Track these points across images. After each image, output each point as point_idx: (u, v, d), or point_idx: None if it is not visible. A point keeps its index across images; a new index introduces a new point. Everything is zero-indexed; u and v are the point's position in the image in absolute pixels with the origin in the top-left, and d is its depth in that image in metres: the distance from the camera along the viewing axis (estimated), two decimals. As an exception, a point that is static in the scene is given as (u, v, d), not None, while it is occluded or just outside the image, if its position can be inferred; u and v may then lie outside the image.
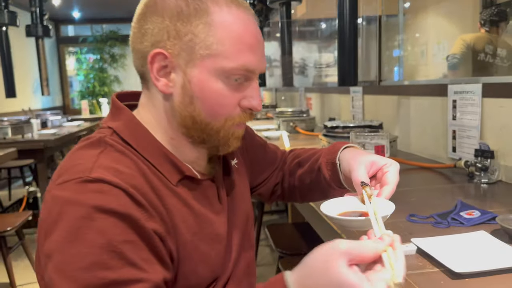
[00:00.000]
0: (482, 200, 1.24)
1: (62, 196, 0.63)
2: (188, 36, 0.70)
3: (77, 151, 0.71)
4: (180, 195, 0.74)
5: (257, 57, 0.74)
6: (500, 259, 0.80)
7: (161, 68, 0.72)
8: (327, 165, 0.93)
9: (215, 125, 0.75)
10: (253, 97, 0.75)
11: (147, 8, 0.73)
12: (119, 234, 0.61)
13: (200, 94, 0.72)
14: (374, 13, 2.94)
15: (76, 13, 8.15)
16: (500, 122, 1.41)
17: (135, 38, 0.75)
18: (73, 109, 8.79)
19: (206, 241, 0.77)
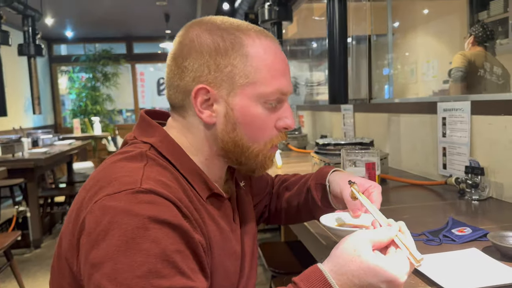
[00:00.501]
0: (473, 217, 1.25)
1: (115, 206, 0.64)
2: (228, 68, 0.76)
3: (117, 163, 0.74)
4: (209, 211, 0.79)
5: (288, 81, 0.81)
6: (492, 277, 0.80)
7: (204, 101, 0.77)
8: (316, 186, 1.00)
9: (255, 148, 0.80)
10: (287, 117, 0.82)
11: (183, 46, 0.78)
12: (172, 244, 0.63)
13: (242, 120, 0.78)
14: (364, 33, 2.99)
15: (69, 33, 8.18)
16: (489, 139, 1.43)
17: (173, 75, 0.79)
18: (65, 127, 8.75)
19: (228, 257, 0.81)
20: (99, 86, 8.58)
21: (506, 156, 1.36)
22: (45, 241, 4.12)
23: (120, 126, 8.99)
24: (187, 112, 0.80)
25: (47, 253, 3.83)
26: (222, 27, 0.77)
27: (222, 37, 0.76)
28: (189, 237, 0.66)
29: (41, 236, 3.98)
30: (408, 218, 1.23)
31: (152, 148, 0.77)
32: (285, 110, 0.82)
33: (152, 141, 0.78)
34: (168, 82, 0.81)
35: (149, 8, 6.32)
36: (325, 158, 1.77)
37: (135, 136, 0.82)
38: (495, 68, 2.89)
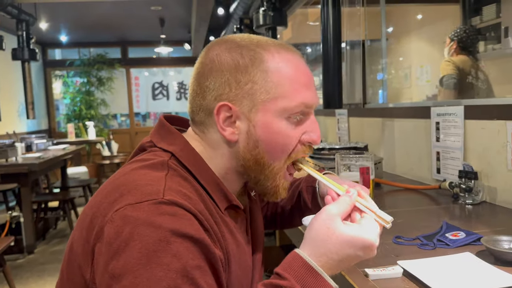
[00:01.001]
0: (467, 221, 1.25)
1: (136, 216, 0.63)
2: (248, 84, 0.75)
3: (138, 171, 0.73)
4: (227, 223, 0.77)
5: (312, 93, 0.79)
6: (486, 281, 0.81)
7: (226, 119, 0.76)
8: (307, 189, 1.01)
9: (275, 166, 0.79)
10: (313, 131, 0.80)
11: (204, 66, 0.78)
12: (192, 259, 0.62)
13: (265, 137, 0.76)
14: (358, 38, 3.01)
15: (64, 37, 8.17)
16: (482, 144, 1.44)
17: (196, 95, 0.79)
18: (59, 132, 8.71)
19: (243, 271, 0.80)
20: (94, 90, 8.56)
21: (499, 160, 1.37)
22: (38, 247, 4.09)
23: (115, 131, 8.96)
24: (207, 129, 0.79)
25: (40, 258, 3.80)
26: (241, 45, 0.77)
27: (242, 54, 0.76)
28: (209, 252, 0.65)
29: (34, 242, 3.95)
30: (402, 223, 1.24)
31: (173, 157, 0.76)
32: (311, 123, 0.80)
33: (173, 150, 0.77)
34: (191, 100, 0.81)
35: (144, 13, 6.33)
36: (320, 163, 1.78)
37: (153, 142, 0.80)
38: (479, 74, 2.92)
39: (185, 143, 0.79)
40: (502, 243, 0.94)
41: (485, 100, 1.54)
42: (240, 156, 0.78)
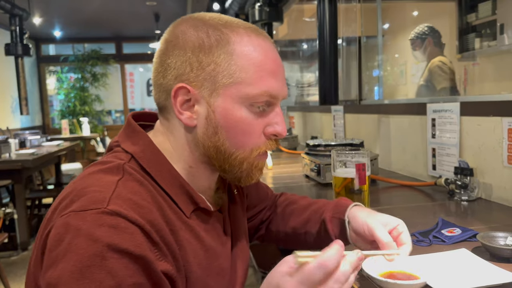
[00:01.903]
0: (463, 217, 1.25)
1: (76, 226, 0.60)
2: (211, 66, 0.71)
3: (93, 175, 0.69)
4: (192, 228, 0.73)
5: (279, 83, 0.75)
6: (482, 277, 0.80)
7: (184, 102, 0.73)
8: (332, 220, 0.92)
9: (239, 155, 0.75)
10: (278, 123, 0.76)
11: (168, 43, 0.74)
12: (130, 276, 0.59)
13: (224, 123, 0.72)
14: (354, 34, 3.00)
15: (57, 32, 8.10)
16: (478, 140, 1.44)
17: (157, 73, 0.75)
18: (53, 128, 8.67)
19: (213, 276, 0.76)
20: (88, 86, 8.52)
21: (495, 157, 1.37)
22: (32, 244, 4.06)
23: (109, 127, 8.93)
24: (169, 113, 0.76)
25: (34, 255, 3.78)
26: (208, 23, 0.72)
27: (207, 34, 0.71)
28: (151, 269, 0.61)
29: (28, 239, 3.92)
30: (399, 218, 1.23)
31: (133, 159, 0.73)
32: (276, 115, 0.76)
33: (133, 151, 0.73)
34: (153, 80, 0.77)
35: (139, 8, 6.29)
36: (315, 159, 1.77)
37: (119, 142, 0.77)
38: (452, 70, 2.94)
39: (149, 142, 0.75)
40: (498, 239, 0.94)
41: (481, 97, 1.54)
42: (200, 143, 0.74)
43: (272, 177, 2.00)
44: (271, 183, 1.85)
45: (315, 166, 1.75)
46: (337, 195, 1.22)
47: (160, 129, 0.78)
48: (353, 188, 1.19)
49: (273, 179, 1.95)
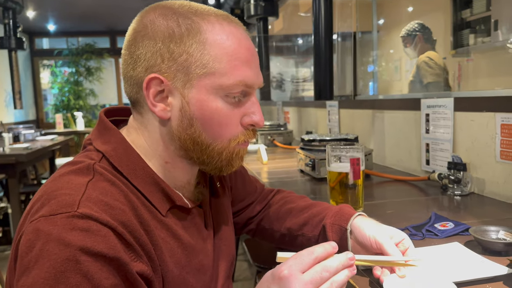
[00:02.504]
0: (456, 212, 1.27)
1: (47, 231, 0.58)
2: (183, 56, 0.69)
3: (63, 177, 0.67)
4: (169, 227, 0.72)
5: (254, 71, 0.73)
6: (474, 270, 0.81)
7: (157, 93, 0.70)
8: (333, 227, 0.90)
9: (217, 145, 0.73)
10: (254, 113, 0.74)
11: (137, 33, 0.71)
12: (106, 278, 0.58)
13: (200, 115, 0.70)
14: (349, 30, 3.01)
15: (51, 26, 8.04)
16: (472, 135, 1.45)
17: (126, 65, 0.73)
18: (47, 122, 8.62)
19: (193, 274, 0.75)
20: (82, 80, 8.47)
21: (488, 152, 1.38)
22: (26, 238, 4.05)
23: (104, 122, 8.89)
24: (143, 107, 0.73)
25: (28, 250, 3.77)
26: (178, 12, 0.70)
27: (178, 22, 0.69)
28: (127, 271, 0.61)
29: (22, 233, 3.91)
30: (392, 213, 1.25)
31: (104, 158, 0.71)
32: (252, 104, 0.74)
33: (104, 150, 0.71)
34: (123, 73, 0.74)
35: (133, 2, 6.24)
36: (310, 154, 1.78)
37: (91, 140, 0.74)
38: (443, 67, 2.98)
39: (121, 140, 0.73)
40: (490, 233, 0.95)
41: (475, 92, 1.55)
42: (175, 136, 0.72)
43: (267, 171, 2.01)
44: (266, 177, 1.86)
45: (310, 161, 1.76)
46: (331, 189, 1.23)
47: (134, 125, 0.76)
48: (347, 183, 1.20)
49: (268, 174, 1.96)
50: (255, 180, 1.11)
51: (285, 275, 0.61)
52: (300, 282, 0.60)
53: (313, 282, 0.61)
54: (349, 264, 0.64)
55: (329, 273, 0.62)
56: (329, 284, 0.62)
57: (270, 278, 0.64)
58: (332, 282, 0.62)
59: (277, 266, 0.64)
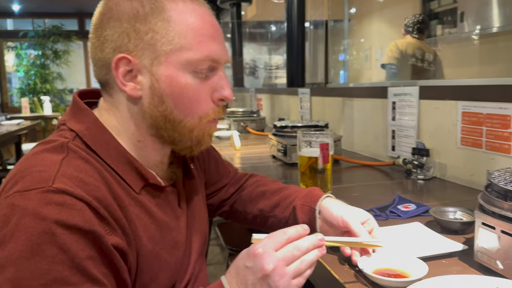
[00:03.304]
0: (418, 194, 1.33)
1: (23, 206, 0.59)
2: (148, 34, 0.70)
3: (37, 155, 0.68)
4: (142, 204, 0.74)
5: (219, 46, 0.75)
6: (433, 247, 0.87)
7: (126, 73, 0.72)
8: (303, 208, 0.94)
9: (188, 122, 0.75)
10: (223, 87, 0.77)
11: (102, 16, 0.73)
12: (82, 250, 0.60)
13: (170, 92, 0.72)
14: (321, 18, 3.04)
15: (16, 6, 7.75)
16: (435, 123, 1.52)
17: (94, 48, 0.74)
18: (12, 107, 8.35)
19: (167, 249, 0.77)
20: (49, 64, 8.23)
21: (450, 139, 1.45)
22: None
23: (72, 106, 8.68)
24: (113, 88, 0.75)
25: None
26: None
27: (142, 3, 0.71)
28: (102, 243, 0.63)
29: (-12, 219, 3.81)
30: (358, 196, 1.30)
31: (78, 137, 0.72)
32: (220, 79, 0.76)
33: (78, 129, 0.72)
34: (91, 56, 0.75)
35: (103, -16, 6.08)
36: (282, 140, 1.82)
37: (65, 121, 0.75)
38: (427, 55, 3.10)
39: (94, 119, 0.74)
40: (448, 213, 1.02)
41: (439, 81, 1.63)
42: (147, 114, 0.74)
43: (240, 157, 2.04)
44: (238, 163, 1.89)
45: (282, 147, 1.80)
46: (302, 174, 1.28)
47: (104, 106, 0.77)
48: (317, 167, 1.24)
49: (241, 159, 1.99)
50: (229, 164, 1.14)
51: (259, 252, 0.65)
52: (273, 259, 0.65)
53: (285, 259, 0.66)
54: (319, 245, 0.69)
55: (300, 252, 0.67)
56: (300, 262, 0.67)
57: (245, 255, 0.68)
58: (302, 260, 0.67)
59: (252, 245, 0.68)
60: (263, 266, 0.64)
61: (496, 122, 1.26)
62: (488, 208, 0.73)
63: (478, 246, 0.77)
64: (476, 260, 0.78)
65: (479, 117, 1.32)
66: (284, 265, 0.65)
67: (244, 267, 0.67)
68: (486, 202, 0.75)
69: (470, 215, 0.99)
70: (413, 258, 0.77)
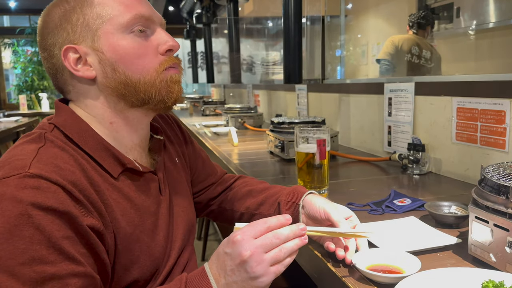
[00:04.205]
0: (414, 189, 1.35)
1: (2, 192, 0.63)
2: (80, 19, 0.77)
3: (17, 147, 0.73)
4: (120, 189, 0.77)
5: (145, 5, 0.81)
6: (427, 241, 0.89)
7: (76, 60, 0.78)
8: (287, 204, 0.96)
9: (145, 78, 0.79)
10: (166, 39, 0.81)
11: (42, 29, 0.80)
12: (57, 230, 0.63)
13: (116, 57, 0.77)
14: (318, 14, 3.05)
15: (13, 3, 7.71)
16: (430, 118, 1.54)
17: (45, 59, 0.81)
18: (10, 104, 8.32)
19: (147, 233, 0.80)
20: (46, 60, 8.18)
21: (445, 134, 1.47)
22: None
23: (70, 103, 8.66)
24: (71, 83, 0.80)
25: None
26: None
27: (67, 2, 0.78)
28: (77, 224, 0.66)
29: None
30: (355, 191, 1.32)
31: (56, 128, 0.77)
32: (161, 34, 0.82)
33: (56, 121, 0.78)
34: (47, 71, 0.82)
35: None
36: (280, 136, 1.83)
37: (46, 119, 0.82)
38: (424, 52, 3.12)
39: (71, 113, 0.80)
40: (443, 208, 1.03)
41: (434, 77, 1.64)
42: (107, 88, 0.79)
43: (238, 153, 2.05)
44: (236, 159, 1.90)
45: (279, 143, 1.81)
46: (299, 170, 1.29)
47: (72, 104, 0.83)
48: (314, 163, 1.25)
49: (239, 155, 2.00)
50: (217, 165, 1.18)
51: (238, 239, 0.68)
52: (250, 245, 0.67)
53: (263, 246, 0.68)
54: (300, 234, 0.71)
55: (279, 240, 0.69)
56: (278, 249, 0.69)
57: (225, 242, 0.71)
58: (281, 248, 0.69)
59: (232, 233, 0.71)
60: (240, 252, 0.67)
61: (490, 118, 1.27)
62: (482, 203, 0.75)
63: (471, 239, 0.78)
64: (470, 253, 0.79)
65: (473, 113, 1.33)
66: (262, 252, 0.68)
67: (224, 253, 0.70)
68: (479, 196, 0.76)
69: (464, 209, 1.00)
70: (406, 253, 0.79)
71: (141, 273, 0.78)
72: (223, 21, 4.43)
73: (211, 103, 4.46)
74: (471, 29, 3.32)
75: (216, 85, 5.97)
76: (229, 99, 5.09)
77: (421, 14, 3.27)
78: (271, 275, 0.68)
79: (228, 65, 3.98)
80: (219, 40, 5.49)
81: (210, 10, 4.41)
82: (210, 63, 4.87)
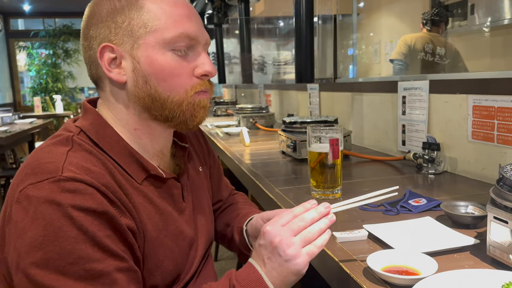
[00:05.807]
0: (429, 189, 1.33)
1: (38, 196, 0.64)
2: (125, 22, 0.76)
3: (44, 148, 0.73)
4: (145, 194, 0.77)
5: (194, 24, 0.80)
6: (444, 242, 0.87)
7: (111, 60, 0.77)
8: (238, 229, 1.00)
9: (174, 97, 0.78)
10: (204, 64, 0.80)
11: (87, 18, 0.80)
12: (99, 230, 0.65)
13: (151, 71, 0.76)
14: (330, 12, 3.03)
15: (27, 6, 7.82)
16: (445, 117, 1.51)
17: (84, 49, 0.80)
18: (25, 106, 8.45)
19: (171, 238, 0.80)
20: (60, 63, 8.31)
21: (460, 133, 1.44)
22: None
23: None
24: (103, 82, 0.81)
25: (10, 234, 3.74)
26: None
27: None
28: (115, 223, 0.67)
29: (3, 217, 3.87)
30: (369, 191, 1.29)
31: (82, 132, 0.77)
32: (201, 57, 0.81)
33: (83, 125, 0.78)
34: (84, 58, 0.82)
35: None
36: (292, 136, 1.82)
37: (71, 120, 0.82)
38: (439, 49, 3.08)
39: (97, 116, 0.80)
40: (459, 208, 1.01)
41: (449, 75, 1.61)
42: (135, 97, 0.78)
43: (250, 153, 2.04)
44: (248, 159, 1.90)
45: (291, 143, 1.80)
46: (312, 170, 1.28)
47: (101, 102, 0.83)
48: (327, 163, 1.24)
49: (250, 155, 1.99)
50: (228, 183, 1.19)
51: (267, 229, 0.72)
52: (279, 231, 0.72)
53: (290, 230, 0.71)
54: (326, 212, 0.74)
55: (305, 222, 0.72)
56: (307, 231, 0.72)
57: (259, 236, 0.74)
58: (310, 229, 0.72)
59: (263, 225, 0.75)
60: (271, 239, 0.71)
61: (508, 116, 1.24)
62: (500, 202, 0.73)
63: (490, 240, 0.76)
64: (488, 255, 0.77)
65: (490, 111, 1.30)
66: (291, 236, 0.71)
67: (259, 245, 0.74)
68: (498, 196, 0.74)
69: (482, 209, 0.98)
70: (423, 255, 0.77)
71: (163, 278, 0.79)
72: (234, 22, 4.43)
73: (223, 104, 4.46)
74: (486, 26, 3.27)
75: (227, 86, 5.97)
76: (240, 99, 5.09)
77: (435, 11, 3.23)
78: (305, 257, 0.71)
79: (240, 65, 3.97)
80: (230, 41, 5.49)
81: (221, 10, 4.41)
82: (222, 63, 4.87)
